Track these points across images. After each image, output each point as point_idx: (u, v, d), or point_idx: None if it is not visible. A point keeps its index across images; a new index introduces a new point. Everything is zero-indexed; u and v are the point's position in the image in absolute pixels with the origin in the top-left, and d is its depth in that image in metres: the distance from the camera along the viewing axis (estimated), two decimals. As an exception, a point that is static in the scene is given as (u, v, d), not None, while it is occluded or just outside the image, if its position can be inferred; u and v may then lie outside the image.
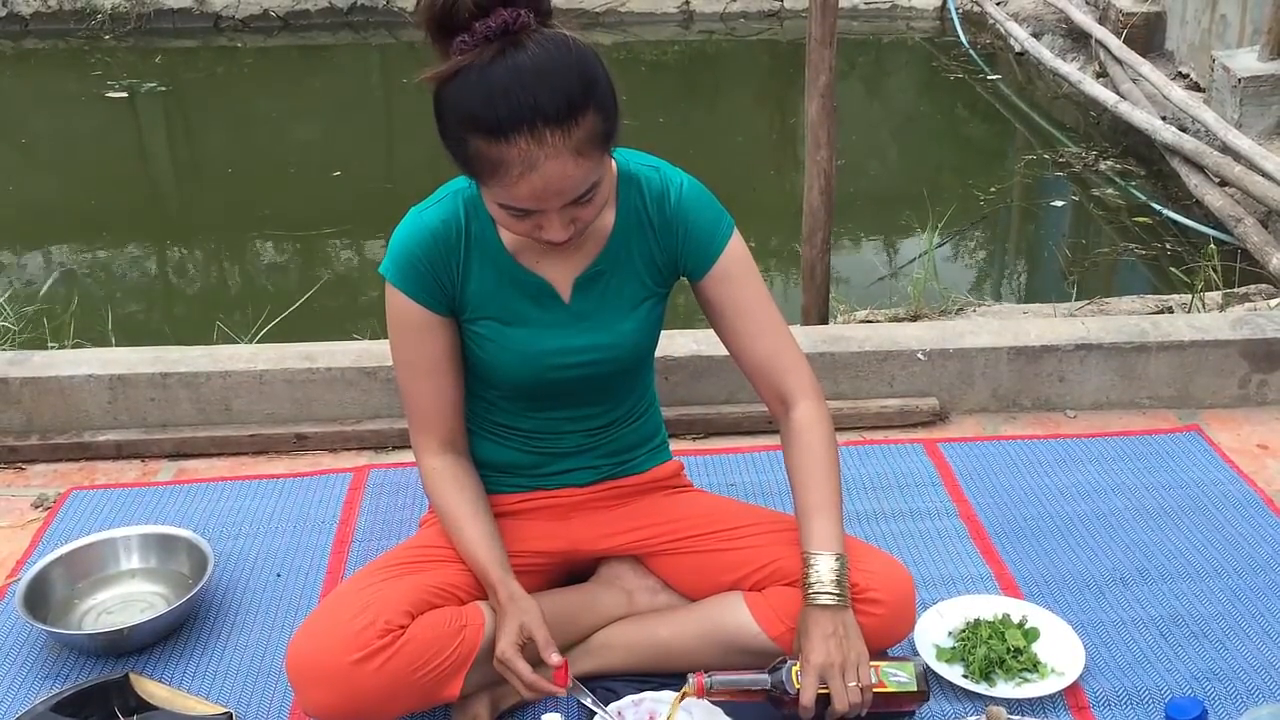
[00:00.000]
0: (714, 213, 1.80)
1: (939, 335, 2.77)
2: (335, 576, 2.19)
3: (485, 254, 1.73)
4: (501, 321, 1.75)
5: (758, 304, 1.81)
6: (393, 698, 1.64)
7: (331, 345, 2.76)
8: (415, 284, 1.71)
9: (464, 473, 1.81)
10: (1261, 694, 1.86)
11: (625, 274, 1.78)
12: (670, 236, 1.77)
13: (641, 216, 1.76)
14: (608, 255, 1.76)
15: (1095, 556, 2.21)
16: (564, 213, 1.55)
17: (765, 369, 1.81)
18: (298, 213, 5.89)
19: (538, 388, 1.81)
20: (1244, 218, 4.68)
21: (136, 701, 1.87)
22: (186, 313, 4.94)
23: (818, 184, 3.03)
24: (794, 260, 3.34)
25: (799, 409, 1.80)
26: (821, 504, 1.73)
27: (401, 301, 1.73)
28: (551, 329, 1.76)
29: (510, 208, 1.55)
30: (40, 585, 2.08)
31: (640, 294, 1.80)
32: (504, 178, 1.50)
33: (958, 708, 1.83)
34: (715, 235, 1.79)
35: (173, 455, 2.65)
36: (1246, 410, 2.75)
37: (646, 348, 1.86)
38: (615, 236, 1.76)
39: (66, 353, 2.86)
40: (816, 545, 1.70)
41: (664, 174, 1.78)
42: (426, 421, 1.79)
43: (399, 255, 1.72)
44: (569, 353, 1.77)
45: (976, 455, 2.55)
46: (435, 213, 1.72)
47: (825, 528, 1.71)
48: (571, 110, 1.47)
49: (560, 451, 1.90)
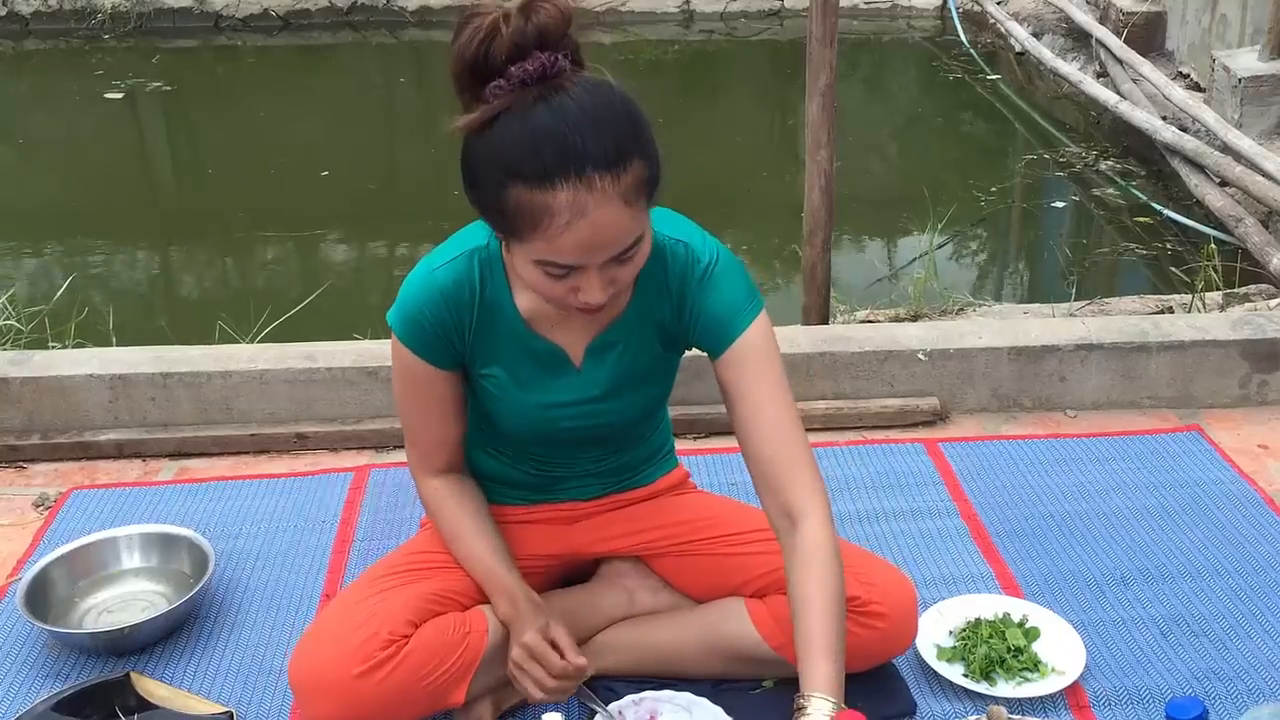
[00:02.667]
0: (738, 295, 1.68)
1: (940, 335, 2.77)
2: (336, 576, 2.19)
3: (497, 319, 1.67)
4: (510, 381, 1.72)
5: (770, 399, 1.66)
6: (397, 708, 1.64)
7: (332, 345, 2.76)
8: (422, 343, 1.67)
9: (464, 488, 1.80)
10: (1262, 693, 1.86)
11: (638, 344, 1.72)
12: (686, 314, 1.69)
13: (661, 287, 1.68)
14: (622, 325, 1.70)
15: (1096, 556, 2.21)
16: (604, 271, 1.48)
17: (770, 473, 1.65)
18: (299, 212, 5.89)
19: (548, 439, 1.80)
20: (1244, 218, 4.67)
21: (137, 701, 1.87)
22: (187, 312, 4.93)
23: (818, 184, 3.03)
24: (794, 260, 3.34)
25: (808, 527, 1.62)
26: (827, 646, 1.55)
27: (406, 356, 1.69)
28: (562, 394, 1.73)
29: (550, 264, 1.46)
30: (41, 584, 2.08)
31: (652, 361, 1.75)
32: (548, 229, 1.41)
33: (958, 707, 1.83)
34: (735, 318, 1.67)
35: (174, 455, 2.65)
36: (1247, 410, 2.75)
37: (656, 407, 1.84)
38: (632, 306, 1.69)
39: (67, 352, 2.86)
40: (820, 688, 1.53)
41: (691, 249, 1.67)
42: (425, 450, 1.78)
43: (407, 313, 1.65)
44: (579, 415, 1.75)
45: (977, 455, 2.55)
46: (448, 273, 1.64)
47: (829, 671, 1.54)
48: (620, 156, 1.41)
49: (563, 475, 1.89)
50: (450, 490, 1.79)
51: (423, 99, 8.18)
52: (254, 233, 5.61)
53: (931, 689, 1.87)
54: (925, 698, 1.85)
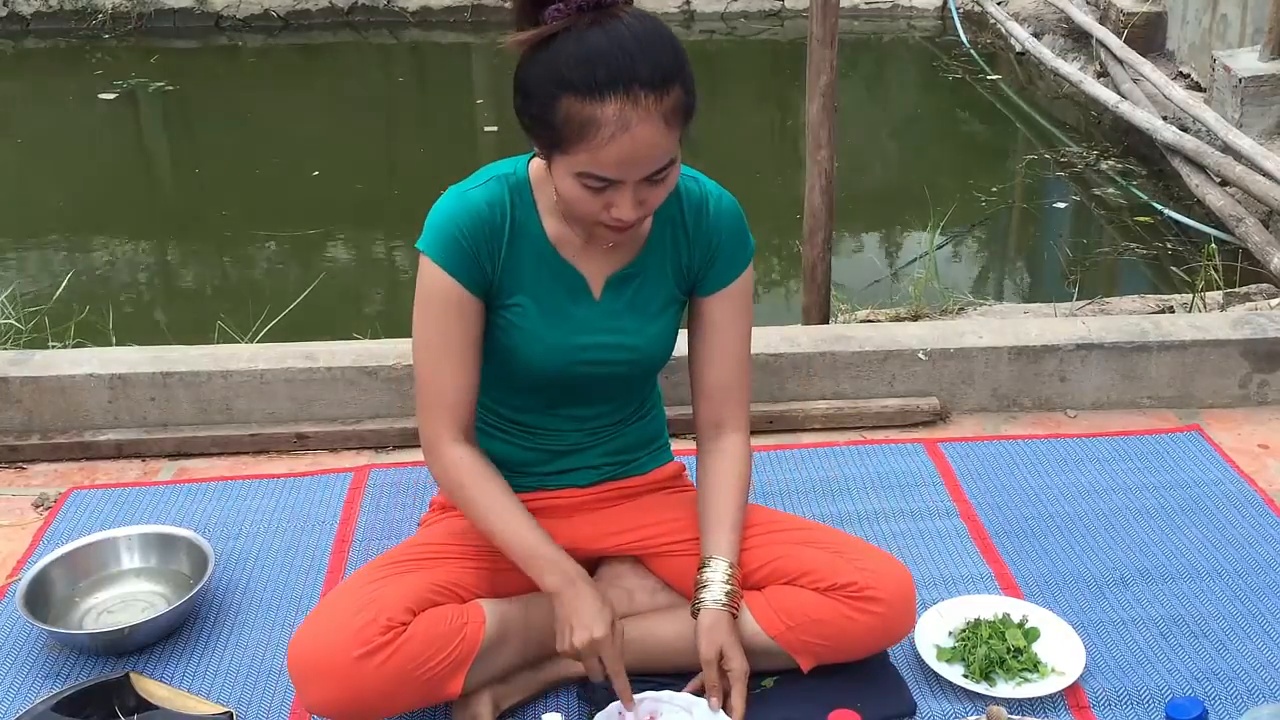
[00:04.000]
0: (743, 235, 1.83)
1: (940, 335, 2.76)
2: (336, 576, 2.19)
3: (527, 240, 1.73)
4: (534, 310, 1.75)
5: (742, 334, 1.87)
6: (394, 694, 1.64)
7: (332, 345, 2.76)
8: (455, 261, 1.70)
9: (488, 463, 1.79)
10: (1262, 694, 1.86)
11: (656, 279, 1.80)
12: (702, 248, 1.80)
13: (676, 224, 1.79)
14: (642, 258, 1.78)
15: (1096, 556, 2.21)
16: (637, 190, 1.58)
17: (718, 393, 1.86)
18: (298, 212, 5.89)
19: (557, 381, 1.81)
20: (1245, 217, 4.68)
21: (137, 701, 1.87)
22: (187, 312, 4.93)
23: (819, 184, 3.03)
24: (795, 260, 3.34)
25: (733, 439, 1.87)
26: (732, 522, 1.82)
27: (438, 278, 1.71)
28: (581, 325, 1.77)
29: (590, 176, 1.56)
30: (41, 585, 2.08)
31: (666, 299, 1.82)
32: (593, 139, 1.52)
33: (958, 707, 1.83)
34: (739, 258, 1.83)
35: (173, 455, 2.65)
36: (1247, 410, 2.75)
37: (666, 352, 1.87)
38: (651, 241, 1.78)
39: (67, 352, 2.86)
40: (722, 553, 1.80)
41: (702, 185, 1.81)
42: (446, 407, 1.75)
43: (440, 231, 1.70)
44: (597, 349, 1.78)
45: (977, 455, 2.55)
46: (481, 194, 1.71)
47: (731, 539, 1.81)
48: (665, 79, 1.53)
49: (560, 449, 1.90)
50: (476, 463, 1.77)
51: (426, 99, 8.19)
52: (253, 232, 5.61)
53: (931, 689, 1.87)
54: (925, 698, 1.85)
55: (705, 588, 1.77)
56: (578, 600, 1.69)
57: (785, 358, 2.70)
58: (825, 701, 1.71)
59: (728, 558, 1.79)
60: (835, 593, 1.77)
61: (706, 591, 1.76)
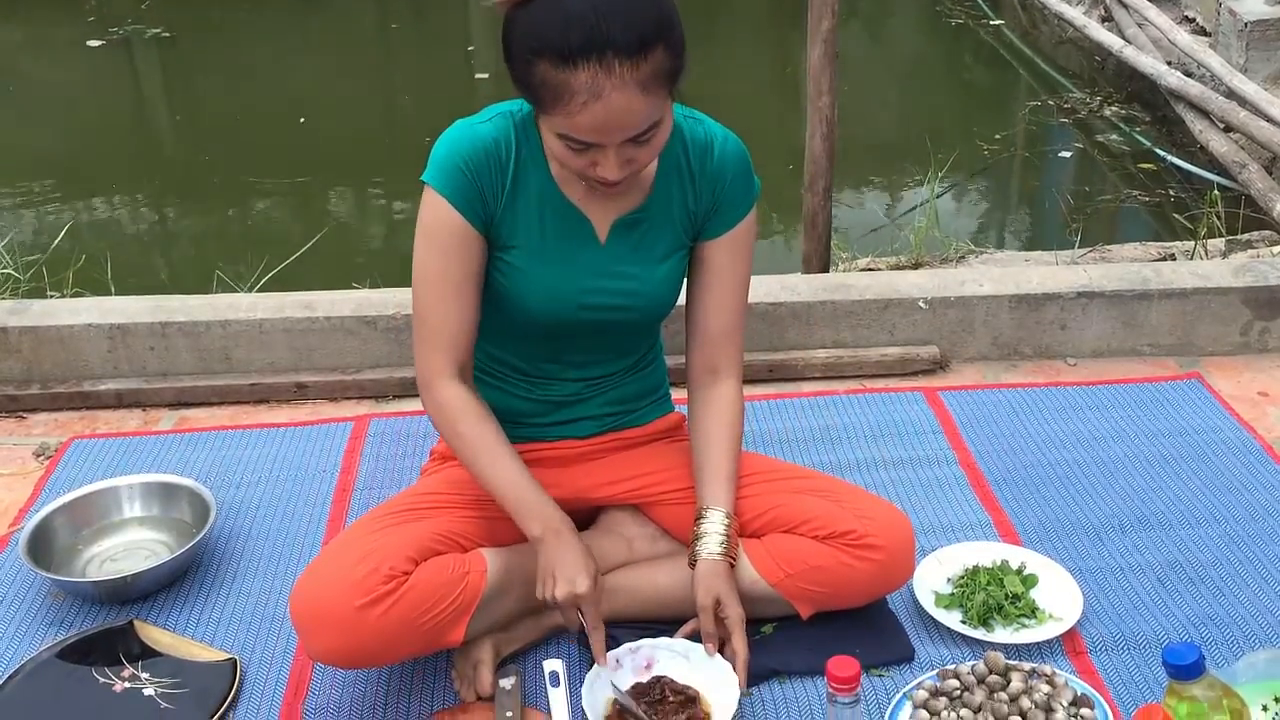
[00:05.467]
0: (748, 179, 1.81)
1: (940, 283, 2.76)
2: (337, 525, 2.20)
3: (532, 179, 1.72)
4: (535, 253, 1.74)
5: (742, 279, 1.85)
6: (396, 643, 1.65)
7: (332, 294, 2.76)
8: (459, 192, 1.68)
9: (483, 405, 1.78)
10: (1258, 639, 1.87)
11: (662, 224, 1.78)
12: (708, 193, 1.78)
13: (681, 167, 1.77)
14: (649, 203, 1.76)
15: (1094, 503, 2.21)
16: (621, 151, 1.56)
17: (714, 338, 1.85)
18: (297, 161, 5.85)
19: (558, 326, 1.79)
20: (1248, 163, 4.65)
21: (141, 648, 1.89)
22: (185, 261, 4.92)
23: (819, 131, 3.01)
24: (795, 208, 3.31)
25: (728, 385, 1.87)
26: (727, 473, 1.82)
27: (441, 208, 1.69)
28: (584, 269, 1.76)
29: (569, 139, 1.55)
30: (43, 533, 2.09)
31: (672, 245, 1.80)
32: (567, 105, 1.50)
33: (955, 653, 1.85)
34: (743, 202, 1.81)
35: (173, 404, 2.65)
36: (1248, 357, 2.74)
37: (670, 300, 1.85)
38: (657, 185, 1.76)
39: (66, 301, 2.86)
40: (719, 504, 1.79)
41: (707, 128, 1.78)
42: (444, 343, 1.74)
43: (445, 161, 1.69)
44: (599, 294, 1.77)
45: (977, 403, 2.55)
46: (488, 129, 1.70)
47: (726, 491, 1.80)
48: (643, 45, 1.49)
49: (559, 400, 1.90)
50: (470, 403, 1.76)
51: (423, 47, 8.11)
52: (251, 181, 5.58)
53: (929, 636, 1.89)
54: (923, 644, 1.87)
55: (702, 538, 1.77)
56: (561, 551, 1.69)
57: (785, 306, 2.69)
58: (824, 647, 1.72)
59: (724, 508, 1.79)
60: (835, 541, 1.77)
61: (703, 542, 1.76)
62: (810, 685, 1.78)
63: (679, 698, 1.70)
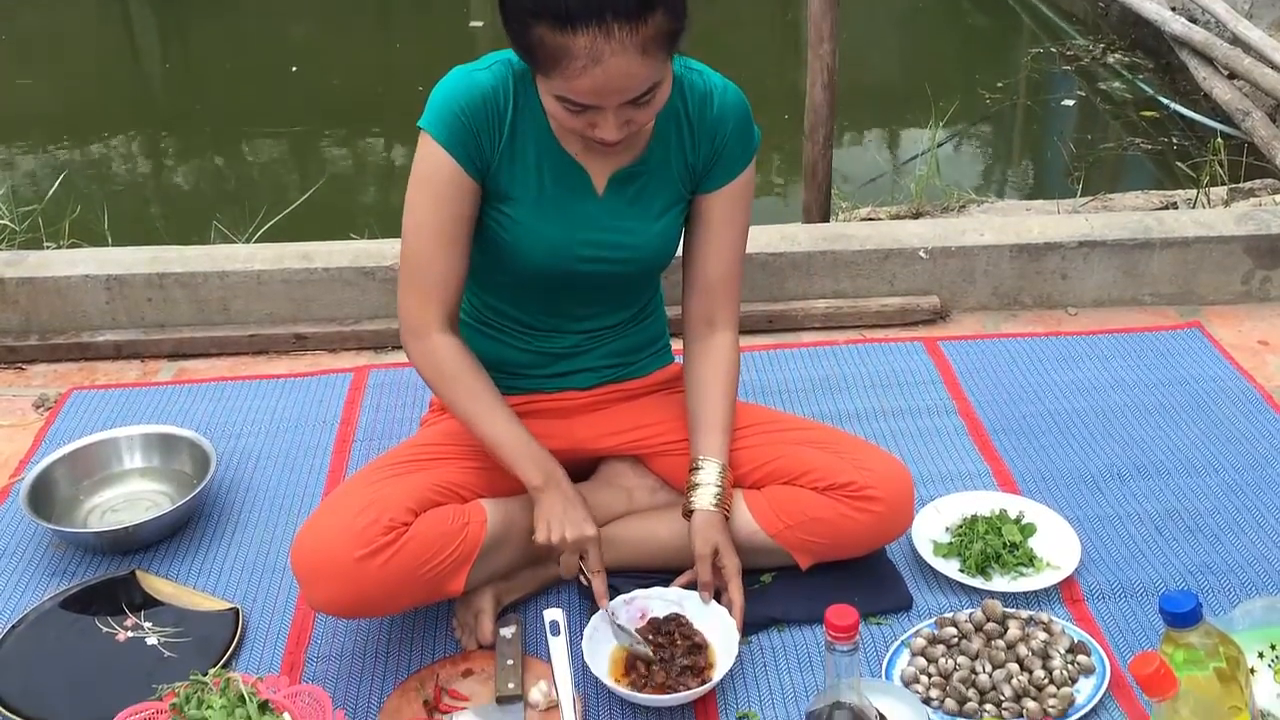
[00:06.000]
0: (748, 130, 1.79)
1: (941, 233, 2.74)
2: (337, 476, 2.21)
3: (530, 129, 1.70)
4: (533, 206, 1.72)
5: (740, 229, 1.84)
6: (397, 593, 1.66)
7: (330, 245, 2.75)
8: (455, 139, 1.66)
9: (473, 355, 1.77)
10: (1255, 587, 1.88)
11: (660, 177, 1.76)
12: (707, 145, 1.76)
13: (680, 118, 1.74)
14: (647, 156, 1.74)
15: (1093, 453, 2.22)
16: (620, 112, 1.54)
17: (711, 289, 1.84)
18: (292, 111, 5.81)
19: (555, 280, 1.79)
20: (1252, 111, 4.61)
21: (143, 598, 1.90)
22: (182, 212, 4.89)
23: (820, 79, 2.98)
24: (795, 157, 3.29)
25: (724, 336, 1.86)
26: (722, 423, 1.81)
27: (437, 155, 1.67)
28: (582, 221, 1.74)
29: (567, 101, 1.52)
30: (44, 484, 2.10)
31: (671, 198, 1.78)
32: (565, 69, 1.47)
33: (953, 601, 1.86)
34: (743, 154, 1.79)
35: (172, 355, 2.65)
36: (1249, 306, 2.74)
37: (668, 253, 1.85)
38: (656, 139, 1.74)
39: (63, 253, 2.85)
40: (713, 453, 1.79)
41: (707, 78, 1.76)
42: (433, 292, 1.73)
43: (442, 107, 1.67)
44: (596, 247, 1.76)
45: (977, 353, 2.55)
46: (487, 76, 1.67)
47: (721, 441, 1.80)
48: (643, 8, 1.45)
49: (558, 352, 1.90)
50: (462, 353, 1.75)
51: None
52: (246, 130, 5.53)
53: (928, 584, 1.90)
54: (921, 593, 1.88)
55: (697, 489, 1.77)
56: (560, 498, 1.70)
57: (785, 257, 2.68)
58: (822, 596, 1.73)
59: (719, 459, 1.78)
60: (834, 492, 1.78)
61: (698, 493, 1.77)
62: (809, 633, 1.80)
63: (687, 642, 1.72)
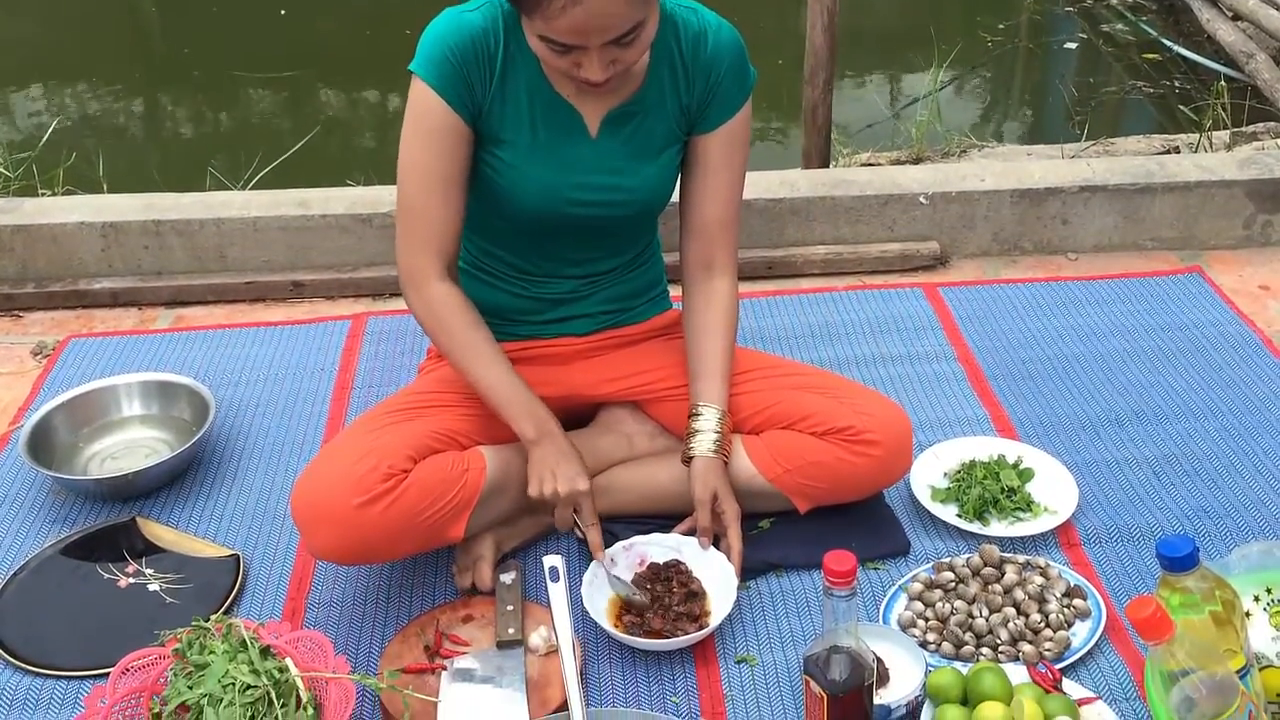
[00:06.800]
0: (743, 69, 1.77)
1: (941, 178, 2.73)
2: (337, 423, 2.21)
3: (521, 71, 1.69)
4: (526, 149, 1.71)
5: (738, 173, 1.83)
6: (397, 539, 1.66)
7: (326, 191, 2.73)
8: (446, 81, 1.65)
9: (471, 305, 1.77)
10: (1252, 531, 1.89)
11: (655, 117, 1.75)
12: (701, 84, 1.75)
13: (674, 57, 1.73)
14: (641, 95, 1.73)
15: (1092, 398, 2.22)
16: (604, 52, 1.53)
17: (709, 232, 1.83)
18: (283, 55, 5.74)
19: (550, 222, 1.78)
20: (1256, 54, 4.56)
21: (144, 544, 1.91)
22: (177, 159, 4.85)
23: (820, 21, 2.95)
24: (794, 102, 3.26)
25: (723, 280, 1.85)
26: (721, 369, 1.81)
27: (428, 98, 1.66)
28: (575, 164, 1.73)
29: (550, 42, 1.52)
30: (43, 432, 2.10)
31: (666, 139, 1.77)
32: (546, 9, 1.46)
33: (951, 546, 1.87)
34: (738, 93, 1.78)
35: (169, 303, 2.64)
36: (1250, 251, 2.73)
37: (664, 196, 1.84)
38: (650, 78, 1.73)
39: (58, 200, 2.83)
40: (713, 400, 1.79)
41: (701, 16, 1.75)
42: (431, 240, 1.72)
43: (432, 50, 1.66)
44: (590, 190, 1.75)
45: (976, 299, 2.54)
46: (477, 17, 1.66)
47: (720, 388, 1.80)
48: None
49: (555, 297, 1.89)
50: (460, 303, 1.75)
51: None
52: (238, 75, 5.48)
53: (925, 529, 1.91)
54: (919, 538, 1.89)
55: (696, 435, 1.77)
56: (553, 451, 1.71)
57: (784, 203, 2.67)
58: (820, 542, 1.74)
59: (718, 404, 1.79)
60: (833, 436, 1.78)
61: (698, 439, 1.77)
62: (807, 578, 1.81)
63: (683, 590, 1.73)
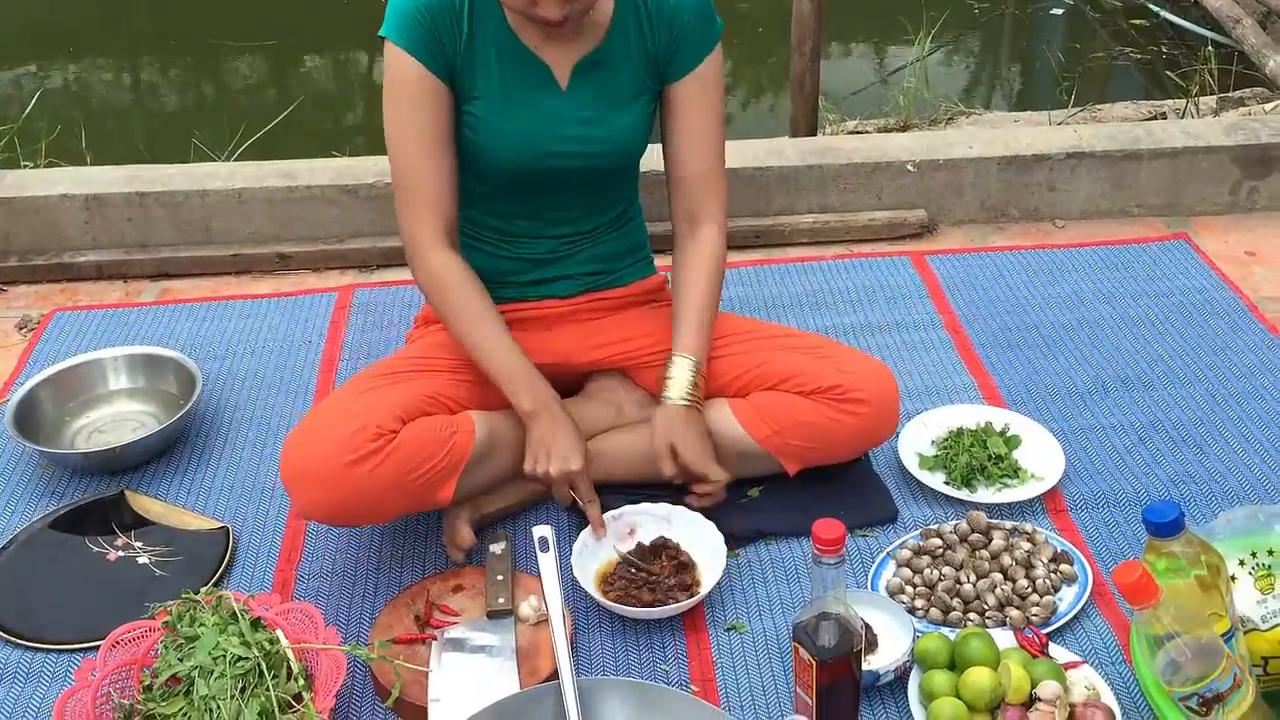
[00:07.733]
0: (708, 15, 1.79)
1: (929, 146, 2.72)
2: (324, 394, 2.20)
3: (488, 27, 1.70)
4: (498, 103, 1.73)
5: (714, 120, 1.83)
6: (385, 500, 1.67)
7: (311, 163, 2.71)
8: (417, 42, 1.67)
9: (473, 275, 1.78)
10: (1236, 496, 1.90)
11: (623, 67, 1.77)
12: (666, 32, 1.76)
13: (639, 7, 1.75)
14: (607, 44, 1.75)
15: (1078, 365, 2.23)
16: None
17: (692, 185, 1.84)
18: (264, 24, 5.69)
19: (528, 178, 1.79)
20: (1243, 18, 4.55)
21: (133, 517, 1.91)
22: (161, 131, 4.82)
23: (807, -12, 2.93)
24: (782, 69, 3.25)
25: (708, 230, 1.86)
26: (701, 321, 1.81)
27: (404, 62, 1.69)
28: (548, 116, 1.75)
29: None
30: (29, 406, 2.09)
31: (636, 88, 1.79)
32: None
33: (938, 513, 1.88)
34: (705, 38, 1.80)
35: (154, 276, 2.63)
36: (1236, 217, 2.73)
37: (638, 147, 1.85)
38: (615, 27, 1.74)
39: (40, 172, 2.81)
40: (689, 350, 1.80)
41: None
42: (428, 205, 1.74)
43: (401, 12, 1.68)
44: (565, 140, 1.76)
45: (963, 267, 2.54)
46: None
47: (698, 339, 1.80)
48: None
49: (537, 257, 1.89)
50: (463, 273, 1.76)
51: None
52: (218, 45, 5.43)
53: (914, 496, 1.91)
54: (907, 505, 1.89)
55: (667, 385, 1.78)
56: (552, 427, 1.72)
57: (772, 171, 2.66)
58: (809, 510, 1.74)
59: (693, 355, 1.79)
60: (820, 395, 1.78)
61: (667, 389, 1.78)
62: (796, 546, 1.82)
63: (674, 562, 1.74)
